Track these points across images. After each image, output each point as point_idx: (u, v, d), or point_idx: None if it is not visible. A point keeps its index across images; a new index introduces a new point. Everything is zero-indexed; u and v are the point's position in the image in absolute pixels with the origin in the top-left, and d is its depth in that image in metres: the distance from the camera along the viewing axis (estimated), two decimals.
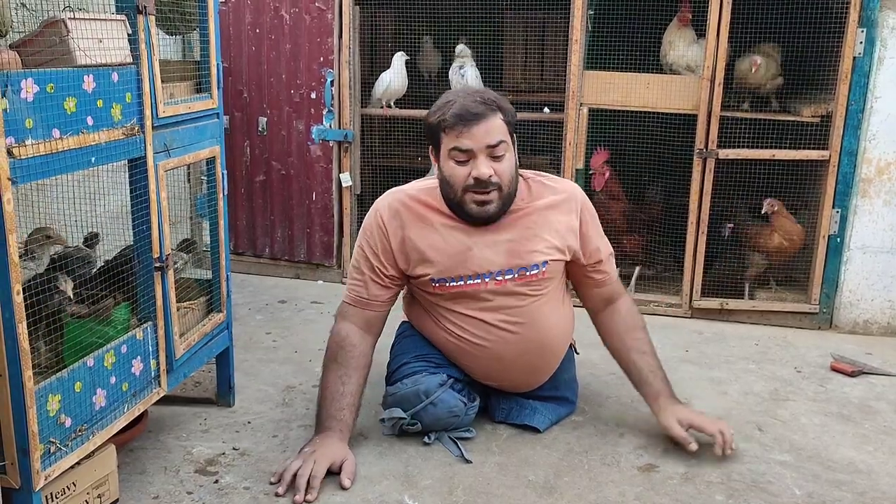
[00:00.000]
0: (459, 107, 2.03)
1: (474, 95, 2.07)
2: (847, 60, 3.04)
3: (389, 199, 2.20)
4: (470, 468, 2.08)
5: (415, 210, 2.16)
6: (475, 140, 2.02)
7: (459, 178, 2.05)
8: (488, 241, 2.14)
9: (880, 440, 2.30)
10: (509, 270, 2.14)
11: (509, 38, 4.07)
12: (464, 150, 2.03)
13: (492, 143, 2.03)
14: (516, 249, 2.14)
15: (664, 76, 3.32)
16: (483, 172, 2.02)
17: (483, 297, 2.16)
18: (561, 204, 2.19)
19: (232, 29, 3.64)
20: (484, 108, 2.02)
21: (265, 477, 2.01)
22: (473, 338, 2.19)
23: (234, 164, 3.75)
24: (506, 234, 2.15)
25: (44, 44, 1.61)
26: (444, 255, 2.14)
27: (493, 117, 2.03)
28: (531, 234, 2.15)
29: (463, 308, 2.19)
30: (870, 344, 3.11)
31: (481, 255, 2.13)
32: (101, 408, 1.75)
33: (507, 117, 2.07)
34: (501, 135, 2.04)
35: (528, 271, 2.14)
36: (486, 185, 2.03)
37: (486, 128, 2.02)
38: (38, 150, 1.49)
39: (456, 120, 2.02)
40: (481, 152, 2.03)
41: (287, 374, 2.66)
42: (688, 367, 2.81)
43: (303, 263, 3.81)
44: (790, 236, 3.24)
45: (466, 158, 2.04)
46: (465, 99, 2.05)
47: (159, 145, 1.90)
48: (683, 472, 2.08)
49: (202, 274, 2.37)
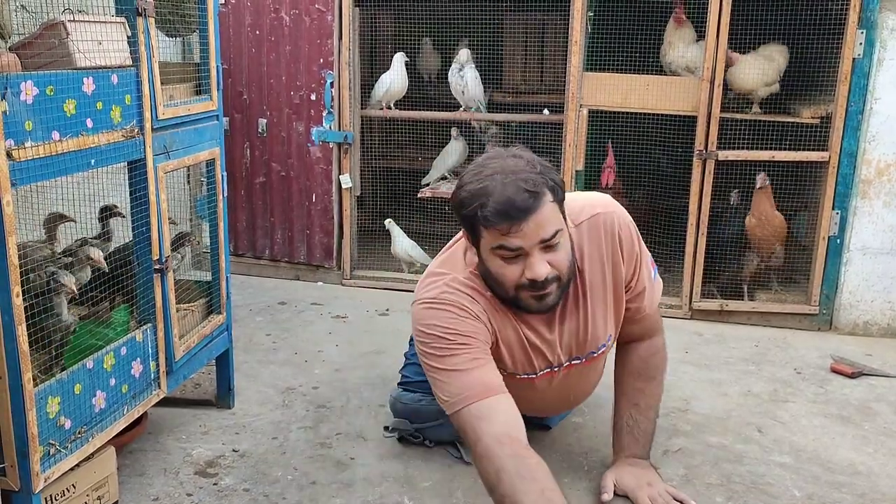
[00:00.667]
0: (502, 200, 1.63)
1: (517, 179, 1.65)
2: (847, 62, 3.04)
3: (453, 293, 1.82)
4: (470, 470, 2.07)
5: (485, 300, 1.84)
6: (526, 239, 1.67)
7: (510, 279, 1.73)
8: (556, 336, 1.91)
9: (880, 441, 2.30)
10: (577, 357, 1.98)
11: (509, 40, 4.07)
12: (513, 249, 1.69)
13: (546, 237, 1.68)
14: (584, 337, 1.94)
15: (663, 77, 3.32)
16: (539, 273, 1.70)
17: (552, 380, 2.01)
18: (603, 247, 1.89)
19: (232, 31, 3.64)
20: (531, 199, 1.64)
21: (265, 479, 2.02)
22: (526, 401, 1.97)
23: (233, 165, 3.75)
24: (570, 322, 1.91)
25: (43, 46, 1.61)
26: (514, 354, 1.91)
27: (542, 206, 1.66)
28: (594, 312, 1.92)
29: (528, 388, 2.00)
30: (870, 345, 3.10)
31: (551, 350, 1.93)
32: (100, 410, 1.75)
33: (556, 195, 1.70)
34: (555, 223, 1.69)
35: (595, 353, 1.99)
36: (543, 284, 1.73)
37: (536, 221, 1.65)
38: (38, 152, 1.49)
39: (500, 218, 1.64)
40: (534, 249, 1.69)
41: (287, 376, 2.66)
42: (688, 368, 2.81)
43: (303, 265, 3.81)
44: (768, 220, 3.23)
45: (516, 255, 1.70)
46: (506, 186, 1.64)
47: (159, 147, 1.90)
48: (683, 474, 2.08)
49: (202, 275, 2.37)
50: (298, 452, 2.16)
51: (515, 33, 4.06)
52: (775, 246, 3.26)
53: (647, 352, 2.06)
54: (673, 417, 2.41)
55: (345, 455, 2.15)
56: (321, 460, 2.12)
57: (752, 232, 3.26)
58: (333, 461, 2.12)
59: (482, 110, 3.70)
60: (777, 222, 3.24)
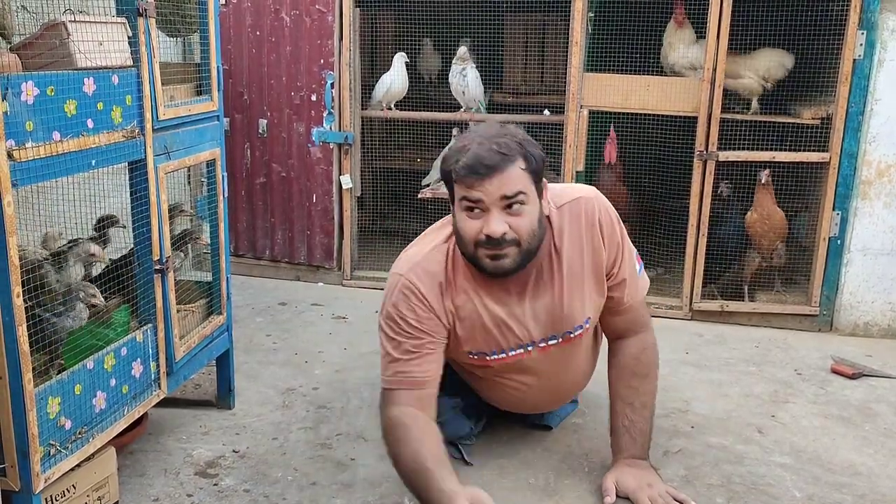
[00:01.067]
0: (472, 156, 1.77)
1: (492, 141, 1.79)
2: (847, 63, 3.04)
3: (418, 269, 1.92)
4: (470, 470, 2.08)
5: (445, 280, 1.92)
6: (486, 193, 1.76)
7: (470, 233, 1.81)
8: (527, 310, 1.94)
9: (880, 442, 2.30)
10: (553, 336, 1.98)
11: (510, 40, 4.07)
12: (474, 201, 1.79)
13: (507, 194, 1.77)
14: (558, 314, 1.95)
15: (664, 78, 3.33)
16: (494, 230, 1.77)
17: (527, 363, 2.02)
18: (583, 230, 1.94)
19: (232, 31, 3.64)
20: (499, 157, 1.76)
21: (265, 479, 2.02)
22: (509, 390, 2.09)
23: (234, 166, 3.75)
24: (541, 300, 1.95)
25: (44, 46, 1.61)
26: (479, 330, 1.94)
27: (511, 167, 1.76)
28: (570, 290, 1.94)
29: (502, 373, 2.05)
30: (870, 346, 3.10)
31: (520, 327, 1.95)
32: (101, 410, 1.75)
33: (530, 164, 1.80)
34: (520, 185, 1.77)
35: (572, 333, 1.98)
36: (498, 242, 1.79)
37: (500, 179, 1.76)
38: (39, 152, 1.49)
39: (466, 171, 1.77)
40: (494, 206, 1.77)
41: (287, 377, 2.66)
42: (688, 369, 2.81)
43: (303, 265, 3.81)
44: (769, 216, 3.24)
45: (478, 210, 1.79)
46: (480, 146, 1.78)
47: (159, 148, 1.90)
48: (684, 475, 2.08)
49: (202, 276, 2.37)
50: (299, 453, 2.16)
51: (516, 34, 4.06)
52: (777, 243, 3.26)
53: (636, 348, 2.06)
54: (673, 418, 2.41)
55: (345, 456, 2.15)
56: (321, 461, 2.12)
57: (753, 228, 3.26)
58: (334, 462, 2.12)
59: (482, 111, 3.70)
60: (778, 218, 3.24)
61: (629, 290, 2.01)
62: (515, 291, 1.94)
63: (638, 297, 2.05)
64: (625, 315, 2.04)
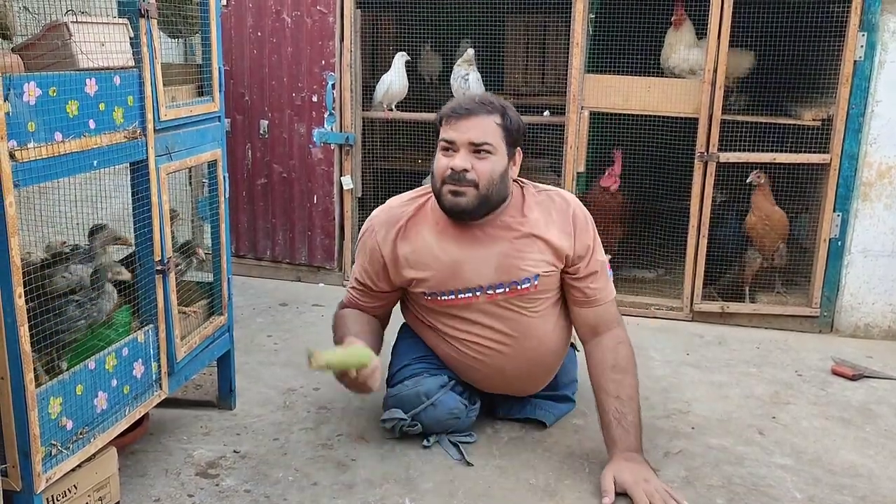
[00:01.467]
0: (456, 102, 2.08)
1: (478, 96, 2.11)
2: (848, 64, 3.04)
3: (383, 215, 2.22)
4: (471, 471, 2.08)
5: (406, 224, 2.17)
6: (459, 133, 2.03)
7: (440, 168, 2.06)
8: (479, 255, 2.11)
9: (881, 444, 2.30)
10: (500, 285, 2.11)
11: (510, 41, 4.07)
12: (448, 142, 2.05)
13: (475, 140, 2.02)
14: (507, 263, 2.10)
15: (665, 79, 3.33)
16: (457, 164, 2.02)
17: (475, 311, 2.14)
18: (553, 212, 2.15)
19: (234, 32, 3.64)
20: (478, 106, 2.04)
21: (266, 480, 2.02)
22: (470, 351, 2.19)
23: (235, 166, 3.75)
24: (497, 248, 2.12)
25: (46, 47, 1.61)
26: (434, 269, 2.13)
27: (486, 116, 2.03)
28: (523, 246, 2.11)
29: (457, 322, 2.18)
30: (871, 347, 3.10)
31: (472, 269, 2.11)
32: (102, 410, 1.75)
33: (505, 122, 2.06)
34: (489, 135, 2.03)
35: (519, 285, 2.11)
36: (460, 177, 2.02)
37: (473, 123, 2.03)
38: (41, 153, 1.49)
39: (448, 112, 2.06)
40: (463, 146, 2.03)
41: (288, 377, 2.67)
42: (688, 370, 2.81)
43: (304, 266, 3.81)
44: (768, 217, 3.24)
45: (450, 150, 2.05)
46: (467, 97, 2.11)
47: (161, 148, 1.90)
48: (684, 476, 2.08)
49: (203, 277, 2.38)
50: (299, 453, 2.16)
51: (517, 35, 4.06)
52: (778, 243, 3.27)
53: (612, 342, 2.14)
54: (674, 419, 2.41)
55: (346, 456, 2.15)
56: (322, 461, 2.12)
57: (754, 230, 3.27)
58: (334, 462, 2.12)
59: None
60: (777, 217, 3.25)
61: (598, 286, 2.16)
62: (472, 237, 2.12)
63: (608, 298, 2.18)
64: (594, 308, 2.16)
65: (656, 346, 3.03)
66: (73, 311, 1.75)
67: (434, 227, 2.16)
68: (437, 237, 2.14)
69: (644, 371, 2.76)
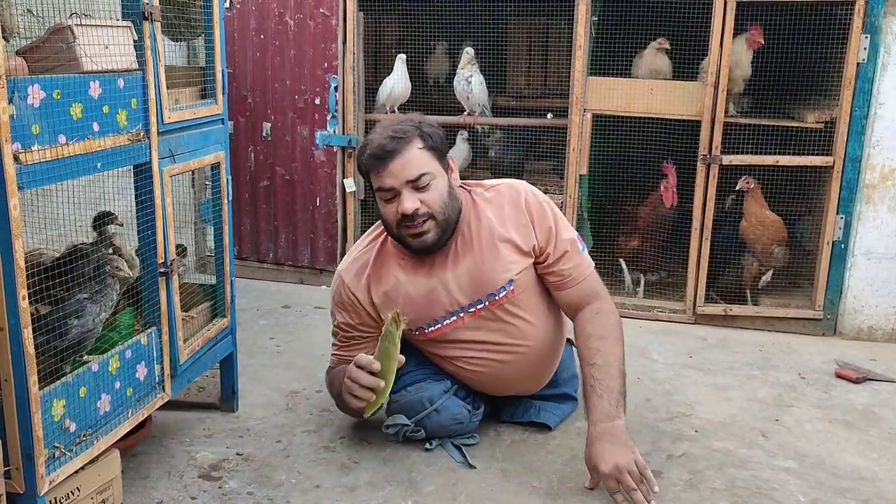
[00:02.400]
0: (373, 146, 2.00)
1: (388, 129, 2.01)
2: (851, 67, 3.04)
3: (348, 265, 2.20)
4: (474, 474, 2.08)
5: (372, 268, 2.16)
6: (393, 177, 1.98)
7: (390, 217, 2.03)
8: (450, 278, 2.10)
9: (885, 447, 2.30)
10: (478, 301, 2.10)
11: (513, 44, 4.08)
12: (387, 190, 2.00)
13: (411, 177, 1.97)
14: (478, 277, 2.08)
15: (667, 82, 3.32)
16: (406, 208, 1.97)
17: (465, 331, 2.14)
18: (506, 206, 2.12)
19: (237, 35, 3.65)
20: (395, 143, 1.97)
21: (269, 482, 2.02)
22: (470, 366, 2.19)
23: (238, 169, 3.75)
24: (464, 265, 2.09)
25: (50, 50, 1.62)
26: (411, 306, 2.11)
27: (408, 149, 1.98)
28: (488, 255, 2.09)
29: (451, 347, 2.18)
30: (874, 350, 3.10)
31: (447, 293, 2.10)
32: (105, 413, 1.75)
33: (426, 142, 2.00)
34: (422, 165, 1.98)
35: (496, 296, 2.10)
36: (413, 218, 1.99)
37: (401, 163, 1.97)
38: (45, 155, 1.50)
39: (371, 161, 2.00)
40: (403, 188, 1.98)
41: (291, 380, 2.67)
42: (691, 373, 2.81)
43: (306, 268, 3.81)
44: (759, 222, 3.25)
45: (392, 196, 2.00)
46: (379, 136, 2.00)
47: (164, 151, 1.90)
48: (688, 479, 2.08)
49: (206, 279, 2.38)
50: (302, 456, 2.16)
51: (519, 37, 4.07)
52: (772, 247, 3.26)
53: (590, 313, 2.12)
54: (677, 422, 2.40)
55: (348, 459, 2.15)
56: (325, 464, 2.12)
57: (746, 235, 3.27)
58: (337, 465, 2.12)
59: (486, 114, 3.70)
60: (769, 222, 3.25)
61: (572, 265, 2.12)
62: (439, 262, 2.11)
63: (586, 272, 2.15)
64: (573, 288, 2.14)
65: (659, 349, 3.03)
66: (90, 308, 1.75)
67: (399, 263, 2.14)
68: (405, 273, 2.13)
69: (647, 374, 2.77)
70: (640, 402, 2.53)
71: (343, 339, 2.24)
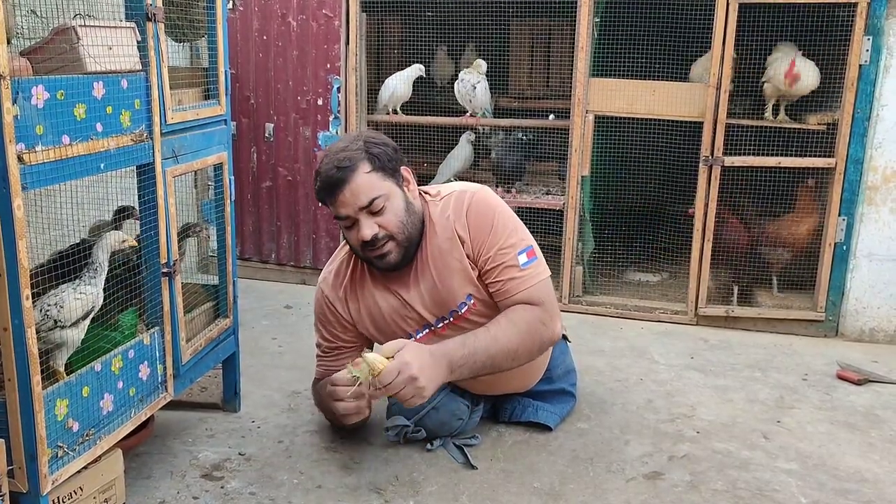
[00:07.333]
0: (322, 179, 2.00)
1: (334, 158, 1.99)
2: (853, 68, 3.04)
3: (327, 279, 2.22)
4: (475, 474, 2.08)
5: (349, 282, 2.19)
6: (346, 206, 1.98)
7: (353, 242, 2.06)
8: (415, 296, 2.11)
9: (887, 449, 2.29)
10: (442, 318, 2.12)
11: (515, 45, 4.08)
12: (343, 218, 2.02)
13: (363, 204, 1.97)
14: (438, 295, 2.09)
15: (670, 83, 3.32)
16: (364, 234, 1.98)
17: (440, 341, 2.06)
18: (451, 214, 2.08)
19: (239, 36, 3.66)
20: (342, 172, 1.96)
21: (271, 482, 2.02)
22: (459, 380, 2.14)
23: (240, 170, 3.76)
24: (424, 283, 2.10)
25: (54, 51, 1.62)
26: (384, 321, 2.15)
27: (355, 176, 1.96)
28: (444, 270, 2.08)
29: None
30: (876, 352, 3.10)
31: (414, 311, 2.12)
32: (108, 412, 1.76)
33: (374, 164, 1.98)
34: (371, 190, 1.97)
35: (459, 311, 2.11)
36: (374, 242, 2.00)
37: (350, 190, 1.96)
38: (48, 156, 1.50)
39: (322, 193, 2.02)
40: (358, 214, 1.99)
41: (293, 380, 2.67)
42: (693, 374, 2.81)
43: (309, 269, 3.82)
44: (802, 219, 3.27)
45: (350, 223, 2.02)
46: (327, 166, 1.99)
47: (167, 151, 1.91)
48: (689, 480, 2.08)
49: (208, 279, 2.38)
50: (304, 456, 2.16)
51: (522, 39, 4.08)
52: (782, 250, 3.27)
53: (521, 307, 2.04)
54: (678, 423, 2.40)
55: (350, 459, 2.15)
56: (327, 464, 2.12)
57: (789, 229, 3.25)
58: (339, 465, 2.12)
59: (488, 115, 3.71)
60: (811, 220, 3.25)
61: (508, 277, 2.03)
62: (404, 280, 2.12)
63: (525, 285, 2.04)
64: (509, 299, 2.04)
65: (660, 350, 3.03)
66: None
67: (372, 278, 2.16)
68: (377, 289, 2.15)
69: (648, 375, 2.77)
70: (642, 403, 2.53)
71: (326, 350, 2.26)
